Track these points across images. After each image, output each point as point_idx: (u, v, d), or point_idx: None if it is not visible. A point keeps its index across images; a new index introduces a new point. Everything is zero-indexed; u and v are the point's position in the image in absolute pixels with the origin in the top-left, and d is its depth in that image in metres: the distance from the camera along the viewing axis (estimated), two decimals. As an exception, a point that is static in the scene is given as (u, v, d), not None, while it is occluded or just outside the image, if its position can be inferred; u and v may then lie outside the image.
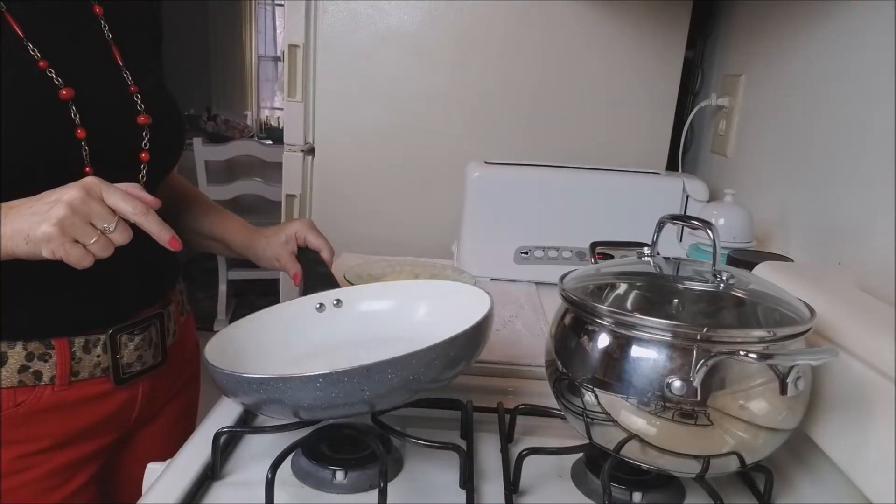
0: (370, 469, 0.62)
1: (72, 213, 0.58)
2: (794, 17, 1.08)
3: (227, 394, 0.59)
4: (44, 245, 0.59)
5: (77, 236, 0.59)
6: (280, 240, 0.88)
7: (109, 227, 0.60)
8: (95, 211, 0.60)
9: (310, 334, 0.75)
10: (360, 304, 0.78)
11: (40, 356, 0.72)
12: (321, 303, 0.77)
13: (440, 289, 0.77)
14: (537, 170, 1.21)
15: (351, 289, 0.79)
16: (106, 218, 0.60)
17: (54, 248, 0.59)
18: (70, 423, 0.76)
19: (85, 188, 0.60)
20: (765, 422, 0.55)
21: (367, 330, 0.76)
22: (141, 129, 0.76)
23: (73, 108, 0.69)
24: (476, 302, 0.67)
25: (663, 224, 0.65)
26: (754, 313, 0.58)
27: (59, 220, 0.58)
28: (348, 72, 1.45)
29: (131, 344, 0.78)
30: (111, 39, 0.76)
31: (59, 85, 0.68)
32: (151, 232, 0.63)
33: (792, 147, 1.05)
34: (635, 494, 0.61)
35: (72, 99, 0.68)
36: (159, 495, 0.59)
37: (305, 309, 0.77)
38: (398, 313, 0.77)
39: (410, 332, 0.72)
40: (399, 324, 0.75)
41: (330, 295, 0.78)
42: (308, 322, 0.76)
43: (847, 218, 0.88)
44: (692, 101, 1.50)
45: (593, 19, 1.41)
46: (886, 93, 0.81)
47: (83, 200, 0.59)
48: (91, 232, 0.60)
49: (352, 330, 0.76)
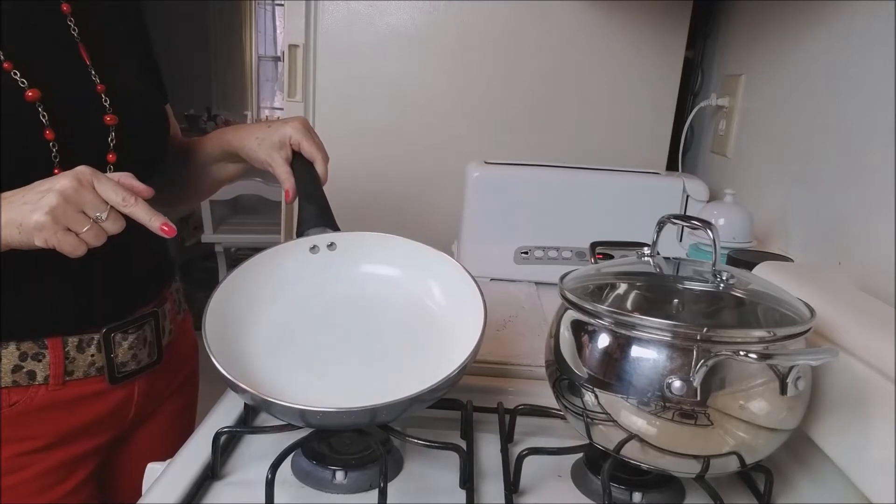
0: (370, 469, 0.62)
1: (64, 201, 0.59)
2: (794, 17, 1.08)
3: (235, 391, 0.60)
4: (36, 234, 0.59)
5: (69, 225, 0.60)
6: (273, 141, 0.81)
7: (101, 216, 0.61)
8: (87, 199, 0.60)
9: (305, 279, 0.74)
10: (360, 259, 0.76)
11: (34, 356, 0.72)
12: (314, 244, 0.75)
13: (441, 268, 0.74)
14: (537, 170, 1.21)
15: (346, 235, 0.76)
16: (98, 206, 0.60)
17: (47, 237, 0.59)
18: (65, 422, 0.76)
19: (76, 177, 0.60)
20: (765, 422, 0.55)
21: (368, 290, 0.75)
22: (107, 130, 0.74)
23: (40, 110, 0.68)
24: (471, 301, 0.68)
25: (663, 224, 0.65)
26: (754, 313, 0.58)
27: (51, 208, 0.58)
28: (348, 72, 1.45)
29: (125, 343, 0.78)
30: (78, 38, 0.74)
31: (24, 87, 0.67)
32: (141, 220, 0.63)
33: (792, 147, 1.05)
34: (635, 494, 0.61)
35: (38, 100, 0.67)
36: (159, 495, 0.59)
37: (298, 252, 0.75)
38: (404, 285, 0.75)
39: (418, 313, 0.73)
40: (402, 299, 0.75)
41: (324, 238, 0.76)
42: (302, 266, 0.74)
43: (847, 218, 0.88)
44: (692, 101, 1.50)
45: (593, 19, 1.41)
46: (886, 93, 0.81)
47: (75, 189, 0.59)
48: (83, 220, 0.60)
49: (351, 284, 0.75)
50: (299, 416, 0.57)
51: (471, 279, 0.71)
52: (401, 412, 0.59)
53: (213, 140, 0.90)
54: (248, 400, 0.61)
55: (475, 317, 0.66)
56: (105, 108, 0.74)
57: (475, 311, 0.67)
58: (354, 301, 0.75)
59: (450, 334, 0.69)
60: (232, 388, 0.59)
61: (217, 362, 0.60)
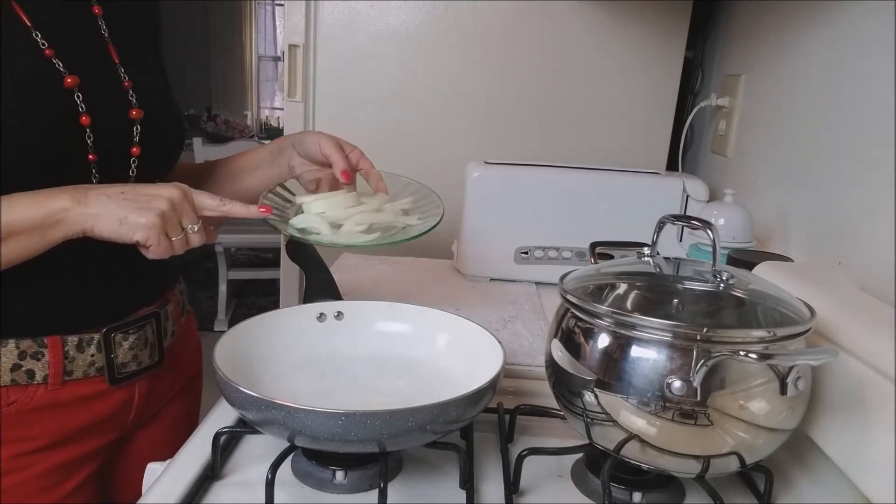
0: (370, 469, 0.62)
1: (171, 208, 0.66)
2: (794, 17, 1.08)
3: (233, 405, 0.59)
4: (140, 230, 0.65)
5: (168, 230, 0.67)
6: (313, 136, 0.86)
7: (193, 227, 0.68)
8: (187, 211, 0.68)
9: (310, 343, 0.76)
10: (369, 321, 0.78)
11: (33, 355, 0.72)
12: (322, 312, 0.78)
13: (455, 325, 0.76)
14: (537, 170, 1.21)
15: (355, 303, 0.80)
16: (193, 219, 0.68)
17: (150, 235, 0.65)
18: (65, 422, 0.76)
19: (181, 189, 0.68)
20: (765, 422, 0.55)
21: (377, 349, 0.77)
22: (133, 123, 0.77)
23: (78, 96, 0.70)
24: (489, 349, 0.68)
25: (663, 224, 0.65)
26: (754, 313, 0.58)
27: (161, 212, 0.65)
28: (348, 72, 1.45)
29: (126, 343, 0.78)
30: (108, 39, 0.77)
31: (65, 73, 0.70)
32: (240, 214, 0.71)
33: (792, 147, 1.05)
34: (635, 494, 0.61)
35: (77, 86, 0.70)
36: (159, 495, 0.59)
37: (305, 317, 0.77)
38: (415, 337, 0.77)
39: (423, 358, 0.75)
40: (407, 350, 0.77)
41: (332, 306, 0.78)
42: (309, 330, 0.77)
43: (847, 218, 0.88)
44: (692, 101, 1.50)
45: (593, 19, 1.41)
46: (886, 93, 0.81)
47: (181, 200, 0.67)
48: (179, 229, 0.68)
49: (355, 345, 0.77)
50: (315, 426, 0.55)
51: (483, 330, 0.72)
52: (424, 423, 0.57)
53: (251, 152, 0.97)
54: (262, 413, 0.57)
55: (493, 362, 0.65)
56: (131, 103, 0.77)
57: (492, 357, 0.66)
58: (365, 359, 0.76)
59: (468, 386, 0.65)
60: (237, 404, 0.59)
61: (223, 369, 0.60)
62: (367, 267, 1.27)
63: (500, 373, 0.62)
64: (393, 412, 0.54)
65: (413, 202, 0.86)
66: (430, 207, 0.84)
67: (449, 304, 1.03)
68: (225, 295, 3.36)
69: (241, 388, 0.56)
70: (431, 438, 0.60)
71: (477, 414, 0.62)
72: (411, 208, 0.85)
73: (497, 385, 0.62)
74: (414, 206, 0.85)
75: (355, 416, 0.54)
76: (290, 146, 0.89)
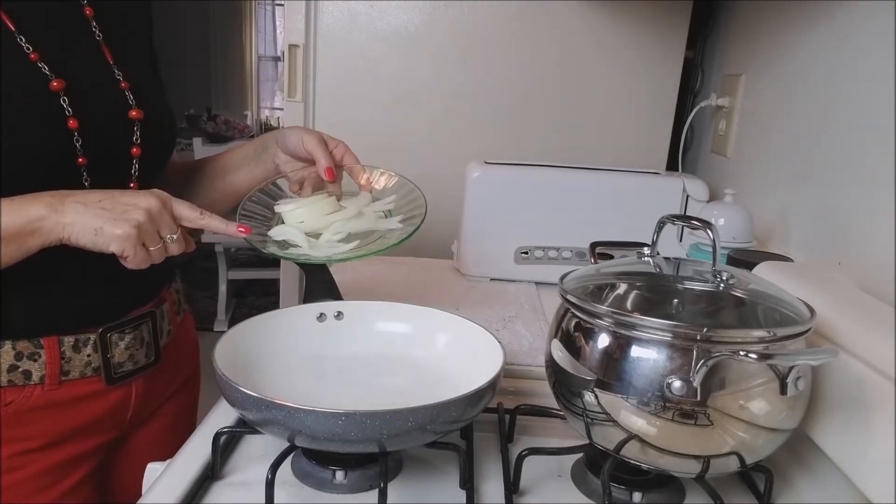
0: (370, 469, 0.62)
1: (149, 219, 0.65)
2: (794, 17, 1.08)
3: (233, 405, 0.59)
4: (115, 241, 0.64)
5: (145, 240, 0.66)
6: (295, 133, 0.85)
7: (172, 237, 0.68)
8: (165, 221, 0.67)
9: (310, 343, 0.76)
10: (369, 321, 0.78)
11: (29, 355, 0.72)
12: (322, 312, 0.78)
13: (455, 325, 0.76)
14: (537, 170, 1.21)
15: (355, 303, 0.80)
16: (172, 228, 0.68)
17: (126, 247, 0.64)
18: (62, 422, 0.76)
19: (159, 198, 0.66)
20: (765, 422, 0.55)
21: (378, 349, 0.77)
22: (132, 124, 0.77)
23: (63, 99, 0.69)
24: (489, 349, 0.68)
25: (663, 224, 0.65)
26: (754, 313, 0.58)
27: (138, 223, 0.64)
28: (348, 72, 1.45)
29: (122, 343, 0.78)
30: (101, 40, 0.77)
31: (50, 77, 0.69)
32: (218, 229, 0.70)
33: (792, 147, 1.05)
34: (635, 494, 0.61)
35: (63, 90, 0.69)
36: (159, 495, 0.59)
37: (305, 317, 0.77)
38: (415, 337, 0.77)
39: (424, 359, 0.74)
40: (407, 350, 0.76)
41: (332, 306, 0.78)
42: (309, 329, 0.76)
43: (847, 218, 0.88)
44: (692, 101, 1.50)
45: (593, 19, 1.41)
46: (886, 92, 0.81)
47: (159, 210, 0.66)
48: (157, 239, 0.67)
49: (355, 345, 0.77)
50: (315, 425, 0.55)
51: (483, 330, 0.72)
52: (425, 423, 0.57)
53: (237, 149, 0.95)
54: (263, 414, 0.57)
55: (493, 362, 0.65)
56: (130, 104, 0.77)
57: (492, 357, 0.66)
58: (365, 359, 0.76)
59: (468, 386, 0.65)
60: (237, 404, 0.58)
61: (223, 369, 0.60)
62: (367, 267, 1.27)
63: (500, 373, 0.62)
64: (393, 412, 0.54)
65: (397, 200, 0.85)
66: (413, 207, 0.83)
67: (449, 304, 1.02)
68: (225, 295, 3.36)
69: (242, 388, 0.56)
70: (431, 438, 0.60)
71: (477, 414, 0.62)
72: (395, 208, 0.85)
73: (497, 385, 0.61)
74: (397, 206, 0.85)
75: (355, 416, 0.54)
76: (273, 143, 0.88)
